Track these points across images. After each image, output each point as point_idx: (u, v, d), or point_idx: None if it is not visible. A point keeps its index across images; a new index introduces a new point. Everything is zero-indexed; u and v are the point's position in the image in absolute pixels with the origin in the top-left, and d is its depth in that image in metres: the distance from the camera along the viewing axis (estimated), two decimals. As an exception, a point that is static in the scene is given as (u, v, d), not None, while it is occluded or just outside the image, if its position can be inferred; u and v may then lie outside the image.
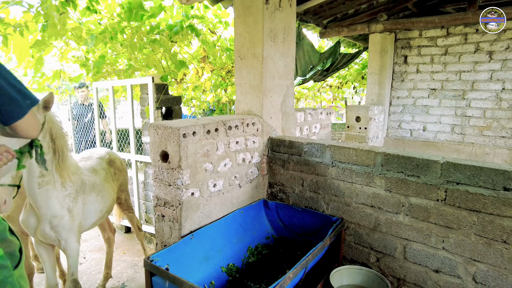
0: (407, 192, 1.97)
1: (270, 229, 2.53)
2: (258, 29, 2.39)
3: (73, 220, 2.17)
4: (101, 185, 2.46)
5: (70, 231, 2.15)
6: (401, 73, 5.27)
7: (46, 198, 2.02)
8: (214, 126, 2.10)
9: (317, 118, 3.27)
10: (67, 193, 2.14)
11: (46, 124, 1.89)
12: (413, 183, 1.94)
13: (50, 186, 2.01)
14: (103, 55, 4.03)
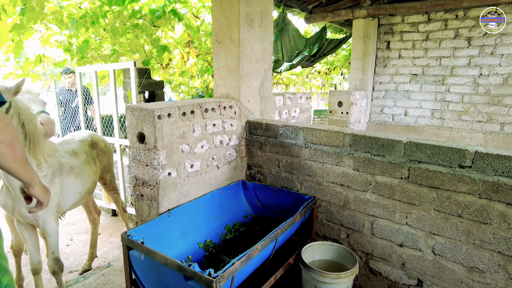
0: (373, 171, 2.08)
1: (249, 208, 2.63)
2: (234, 13, 2.44)
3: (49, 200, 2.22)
4: (80, 167, 2.52)
5: (47, 211, 2.22)
6: (384, 58, 5.35)
7: None
8: (190, 108, 2.16)
9: (297, 103, 3.35)
10: (43, 175, 2.19)
11: (12, 110, 1.93)
12: (379, 162, 2.04)
13: None
14: (86, 40, 4.03)
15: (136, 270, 1.77)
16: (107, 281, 2.93)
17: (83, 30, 3.53)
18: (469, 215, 1.79)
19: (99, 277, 3.00)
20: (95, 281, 2.93)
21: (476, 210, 1.76)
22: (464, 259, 1.83)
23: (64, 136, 2.82)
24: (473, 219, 1.77)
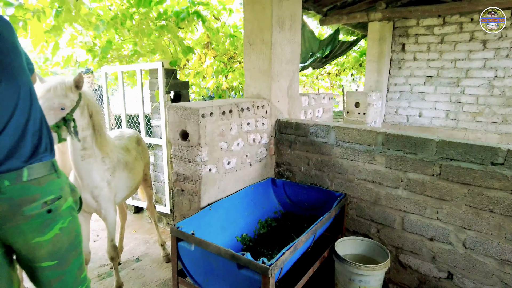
0: (405, 168, 2.16)
1: (278, 204, 2.72)
2: (266, 15, 2.53)
3: (111, 191, 2.34)
4: (132, 163, 2.63)
5: (109, 202, 2.34)
6: (398, 60, 5.43)
7: (89, 170, 2.19)
8: (228, 107, 2.26)
9: (320, 103, 3.44)
10: (106, 167, 2.31)
11: (83, 101, 2.05)
12: (411, 160, 2.13)
13: (92, 159, 2.18)
14: (110, 41, 4.13)
15: (184, 261, 1.86)
16: (138, 275, 3.03)
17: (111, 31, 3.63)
18: (500, 210, 1.87)
19: (130, 271, 3.10)
20: (127, 275, 3.03)
21: (508, 205, 1.84)
22: (495, 253, 1.92)
23: (112, 132, 2.92)
24: (505, 214, 1.86)
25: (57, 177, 1.35)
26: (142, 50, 4.16)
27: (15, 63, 1.27)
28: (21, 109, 1.26)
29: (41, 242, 1.29)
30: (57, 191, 1.33)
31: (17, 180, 1.22)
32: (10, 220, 1.22)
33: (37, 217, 1.26)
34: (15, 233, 1.24)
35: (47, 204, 1.28)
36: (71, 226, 1.39)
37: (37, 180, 1.27)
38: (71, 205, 1.40)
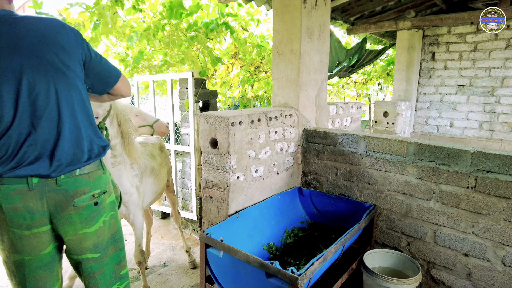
0: (438, 179, 2.10)
1: (304, 214, 2.70)
2: (296, 26, 2.56)
3: (139, 197, 2.43)
4: (158, 170, 2.71)
5: (138, 207, 2.42)
6: (428, 69, 5.31)
7: (119, 177, 2.27)
8: (257, 116, 2.29)
9: (348, 112, 3.41)
10: (135, 174, 2.40)
11: (112, 111, 2.14)
12: (444, 171, 2.07)
13: (121, 166, 2.27)
14: (141, 51, 4.29)
15: (213, 267, 1.88)
16: (165, 280, 3.08)
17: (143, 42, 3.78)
18: (543, 226, 1.77)
19: (157, 276, 3.15)
20: (154, 279, 3.09)
21: (551, 221, 1.74)
22: (538, 271, 1.82)
23: (138, 139, 3.00)
24: (548, 230, 1.76)
25: (103, 172, 1.47)
26: (172, 60, 4.29)
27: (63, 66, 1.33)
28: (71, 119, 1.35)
29: (87, 233, 1.40)
30: (103, 186, 1.45)
31: (71, 174, 1.34)
32: (63, 210, 1.33)
33: (86, 208, 1.38)
34: (67, 223, 1.36)
35: (94, 197, 1.40)
36: (112, 221, 1.50)
37: (87, 175, 1.39)
38: (113, 200, 1.51)
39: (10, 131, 1.25)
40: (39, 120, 1.27)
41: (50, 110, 1.29)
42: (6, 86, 1.22)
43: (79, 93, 1.38)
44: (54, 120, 1.30)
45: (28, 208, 1.28)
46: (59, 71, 1.30)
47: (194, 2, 3.68)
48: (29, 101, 1.25)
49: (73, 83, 1.35)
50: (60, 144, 1.30)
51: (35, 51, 1.25)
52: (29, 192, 1.27)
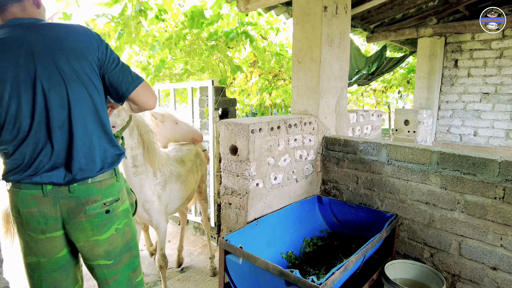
0: (463, 189, 2.04)
1: (324, 223, 2.67)
2: (316, 34, 2.57)
3: (161, 204, 2.48)
4: (185, 175, 2.75)
5: (160, 213, 2.47)
6: (451, 77, 5.19)
7: (140, 186, 2.34)
8: (276, 123, 2.29)
9: (369, 120, 3.37)
10: (157, 182, 2.45)
11: (132, 122, 2.20)
12: (469, 181, 2.01)
13: (143, 175, 2.34)
14: (163, 60, 4.39)
15: (232, 274, 1.88)
16: (182, 286, 3.10)
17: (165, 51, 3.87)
18: None
19: (175, 282, 3.17)
20: (172, 285, 3.11)
21: None
22: None
23: (172, 145, 3.11)
24: None
25: (116, 180, 1.46)
26: (192, 68, 4.37)
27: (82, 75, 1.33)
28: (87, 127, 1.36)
29: (99, 241, 1.40)
30: (116, 194, 1.44)
31: (84, 182, 1.35)
32: (75, 217, 1.35)
33: (97, 216, 1.38)
34: (78, 229, 1.37)
35: (106, 205, 1.40)
36: (126, 229, 1.49)
37: (100, 183, 1.39)
38: (127, 208, 1.51)
39: (27, 140, 1.28)
40: (54, 130, 1.29)
41: (63, 119, 1.30)
42: (25, 95, 1.25)
43: (91, 100, 1.35)
44: (66, 131, 1.31)
45: (42, 213, 1.33)
46: (71, 78, 1.29)
47: (215, 11, 3.76)
48: (45, 110, 1.27)
49: (85, 90, 1.33)
50: (74, 155, 1.32)
51: (51, 59, 1.26)
52: (44, 197, 1.32)
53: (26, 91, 1.24)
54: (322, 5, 2.49)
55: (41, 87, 1.25)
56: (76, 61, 1.29)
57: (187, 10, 3.66)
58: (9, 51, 1.22)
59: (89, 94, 1.35)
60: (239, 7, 3.32)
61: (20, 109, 1.25)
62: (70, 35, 1.32)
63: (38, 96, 1.25)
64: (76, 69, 1.30)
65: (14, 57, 1.22)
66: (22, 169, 1.30)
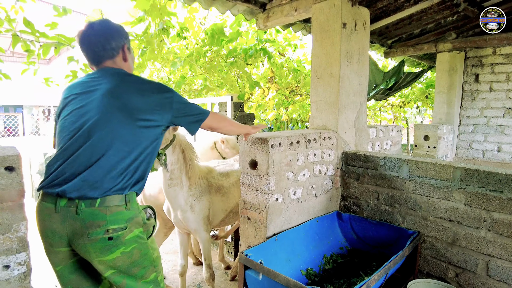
0: (489, 207, 1.98)
1: (343, 240, 2.63)
2: (335, 50, 2.59)
3: (195, 214, 2.58)
4: (227, 188, 2.83)
5: (196, 223, 2.59)
6: (471, 92, 5.11)
7: (174, 196, 2.54)
8: (296, 138, 2.30)
9: (388, 135, 3.34)
10: (191, 193, 2.58)
11: (175, 141, 2.42)
12: (496, 198, 1.95)
13: (177, 187, 2.52)
14: (183, 76, 4.50)
15: (251, 290, 1.87)
16: (200, 301, 3.08)
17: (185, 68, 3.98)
18: None
19: (193, 297, 3.16)
20: (190, 300, 3.09)
21: None
22: None
23: (223, 161, 3.29)
24: None
25: (125, 209, 1.46)
26: (211, 84, 4.46)
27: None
28: (115, 151, 1.44)
29: (104, 261, 1.43)
30: (123, 222, 1.44)
31: (91, 205, 1.39)
32: (79, 238, 1.39)
33: (100, 241, 1.40)
34: (82, 250, 1.42)
35: (109, 232, 1.40)
36: (134, 251, 1.48)
37: (106, 208, 1.41)
38: (137, 235, 1.49)
39: (61, 153, 1.44)
40: (84, 148, 1.42)
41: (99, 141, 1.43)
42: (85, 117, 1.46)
43: (127, 131, 1.47)
44: (97, 154, 1.42)
45: (51, 228, 1.40)
46: (124, 111, 1.47)
47: (234, 29, 3.85)
48: (87, 132, 1.43)
49: (129, 124, 1.47)
50: (92, 172, 1.41)
51: (118, 96, 1.48)
52: (55, 213, 1.39)
53: (87, 112, 1.45)
54: (341, 22, 2.52)
55: (97, 110, 1.45)
56: (139, 100, 1.50)
57: (207, 28, 3.77)
58: (91, 86, 1.51)
59: (131, 127, 1.48)
60: (258, 25, 3.40)
61: (75, 122, 1.46)
62: (150, 83, 1.58)
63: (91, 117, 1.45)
64: (136, 107, 1.49)
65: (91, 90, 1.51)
66: (48, 177, 1.43)
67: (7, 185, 1.29)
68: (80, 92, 1.53)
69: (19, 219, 1.33)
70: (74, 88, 1.57)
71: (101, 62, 1.60)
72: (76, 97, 1.52)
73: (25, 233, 1.36)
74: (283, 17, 3.17)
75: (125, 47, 1.65)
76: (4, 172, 1.28)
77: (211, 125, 1.80)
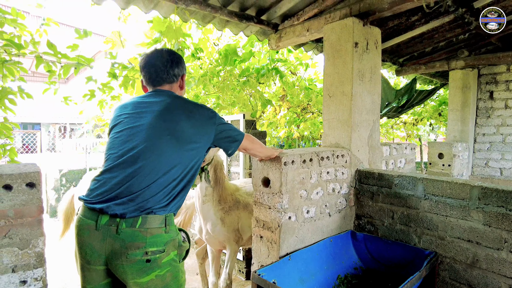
0: (510, 227, 1.92)
1: (358, 260, 2.58)
2: (347, 69, 2.62)
3: (226, 227, 2.75)
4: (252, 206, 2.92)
5: (226, 236, 2.75)
6: (486, 109, 5.05)
7: (207, 211, 2.71)
8: (309, 156, 2.31)
9: (402, 153, 3.31)
10: (221, 207, 2.74)
11: (213, 161, 2.55)
12: (517, 218, 1.90)
13: (210, 203, 2.71)
14: (197, 95, 4.59)
15: (264, 310, 1.83)
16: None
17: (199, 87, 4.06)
18: None
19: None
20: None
21: None
22: None
23: (244, 179, 3.45)
24: None
25: (164, 232, 1.48)
26: (223, 103, 4.53)
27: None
28: (163, 174, 1.48)
29: (138, 283, 1.44)
30: (161, 245, 1.46)
31: (132, 225, 1.40)
32: (117, 258, 1.40)
33: (137, 263, 1.41)
34: (119, 271, 1.42)
35: (147, 254, 1.42)
36: (167, 274, 1.49)
37: (146, 230, 1.42)
38: (172, 258, 1.51)
39: (109, 171, 1.48)
40: (139, 170, 1.46)
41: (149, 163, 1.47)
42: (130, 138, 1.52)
43: (176, 155, 1.52)
44: (146, 176, 1.46)
45: (90, 246, 1.41)
46: (173, 133, 1.52)
47: (247, 49, 3.94)
48: (137, 151, 1.48)
49: (178, 147, 1.52)
50: (140, 193, 1.44)
51: (171, 117, 1.54)
52: (95, 231, 1.40)
53: (138, 133, 1.52)
54: (353, 42, 2.56)
55: (148, 132, 1.51)
56: (187, 124, 1.56)
57: (221, 48, 3.86)
58: (146, 106, 1.59)
59: (179, 150, 1.53)
60: (271, 45, 3.47)
61: (126, 141, 1.52)
62: (197, 106, 1.65)
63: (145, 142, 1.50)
64: (185, 132, 1.54)
65: (145, 111, 1.58)
66: (97, 191, 1.47)
67: (28, 201, 1.32)
68: (132, 112, 1.60)
69: (37, 234, 1.35)
70: (125, 108, 1.65)
71: (159, 85, 1.69)
72: (127, 117, 1.59)
73: (42, 249, 1.38)
74: (295, 37, 3.24)
75: (184, 77, 1.78)
76: (25, 188, 1.32)
77: (246, 146, 1.86)
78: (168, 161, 1.49)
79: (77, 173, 7.45)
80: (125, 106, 1.67)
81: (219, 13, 2.88)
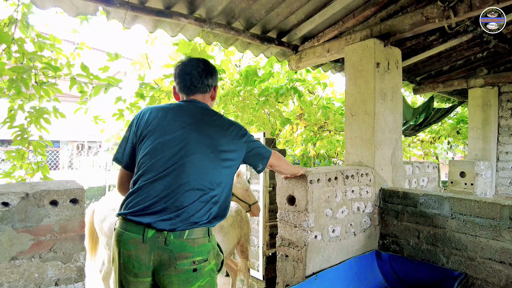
0: (543, 248, 1.88)
1: (383, 281, 2.54)
2: (369, 89, 2.66)
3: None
4: (227, 228, 2.90)
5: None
6: (508, 127, 4.98)
7: None
8: (334, 174, 2.32)
9: (424, 171, 3.29)
10: None
11: None
12: (551, 239, 1.86)
13: None
14: (216, 114, 4.67)
15: (293, 330, 1.82)
16: None
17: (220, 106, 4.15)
18: None
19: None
20: None
21: None
22: None
23: None
24: None
25: (208, 241, 1.53)
26: (242, 121, 4.60)
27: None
28: (207, 191, 1.53)
29: None
30: (205, 254, 1.50)
31: (180, 237, 1.44)
32: (165, 269, 1.43)
33: (185, 272, 1.44)
34: (166, 281, 1.45)
35: (194, 264, 1.46)
36: (207, 285, 1.52)
37: (193, 241, 1.47)
38: (212, 268, 1.55)
39: (152, 184, 1.49)
40: (184, 186, 1.49)
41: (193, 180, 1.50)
42: (171, 150, 1.52)
43: (214, 167, 1.56)
44: (193, 191, 1.49)
45: (138, 258, 1.43)
46: (209, 147, 1.56)
47: (267, 70, 4.03)
48: (179, 163, 1.50)
49: (216, 160, 1.56)
50: (185, 206, 1.47)
51: (202, 131, 1.57)
52: (142, 244, 1.43)
53: (179, 145, 1.53)
54: (374, 62, 2.61)
55: (190, 147, 1.53)
56: (225, 141, 1.61)
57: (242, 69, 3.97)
58: (181, 115, 1.60)
59: (217, 166, 1.56)
60: (291, 65, 3.55)
61: (167, 152, 1.53)
62: (231, 123, 1.68)
63: (185, 153, 1.52)
64: (222, 149, 1.58)
65: (181, 120, 1.58)
66: (140, 203, 1.47)
67: (71, 216, 1.38)
68: (170, 120, 1.58)
69: (79, 249, 1.40)
70: (159, 111, 1.63)
71: (193, 94, 1.69)
72: (164, 123, 1.58)
73: (83, 263, 1.42)
74: (315, 58, 3.31)
75: (216, 88, 1.80)
76: (69, 204, 1.37)
77: (273, 163, 1.86)
78: (212, 179, 1.53)
79: (96, 190, 7.59)
80: (158, 110, 1.63)
81: (242, 36, 2.98)
